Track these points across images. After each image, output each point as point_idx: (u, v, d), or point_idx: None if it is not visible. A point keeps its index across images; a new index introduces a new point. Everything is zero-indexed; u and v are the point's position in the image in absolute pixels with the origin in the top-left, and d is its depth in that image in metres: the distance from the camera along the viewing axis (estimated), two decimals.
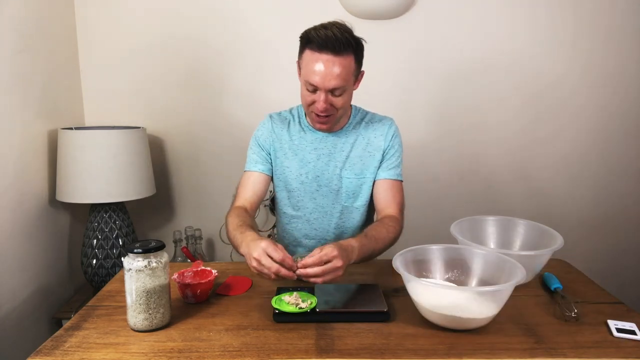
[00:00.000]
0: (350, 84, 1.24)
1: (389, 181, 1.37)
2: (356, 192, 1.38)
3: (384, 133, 1.38)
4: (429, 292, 0.97)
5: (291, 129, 1.40)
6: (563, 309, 1.04)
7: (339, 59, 1.18)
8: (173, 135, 2.05)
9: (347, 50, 1.19)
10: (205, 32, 1.97)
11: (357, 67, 1.25)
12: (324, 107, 1.22)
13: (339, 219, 1.41)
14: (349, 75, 1.21)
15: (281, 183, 1.41)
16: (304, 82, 1.25)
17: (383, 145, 1.37)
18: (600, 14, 1.95)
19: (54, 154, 1.75)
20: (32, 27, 1.66)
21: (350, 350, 0.89)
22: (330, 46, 1.16)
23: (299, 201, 1.40)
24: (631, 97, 2.03)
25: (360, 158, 1.37)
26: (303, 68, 1.24)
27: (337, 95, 1.23)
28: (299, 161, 1.37)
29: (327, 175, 1.37)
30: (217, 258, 2.18)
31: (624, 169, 2.09)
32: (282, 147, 1.39)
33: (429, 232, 1.96)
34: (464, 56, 1.99)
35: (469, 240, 1.16)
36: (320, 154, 1.37)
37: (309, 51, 1.21)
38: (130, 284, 0.95)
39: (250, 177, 1.39)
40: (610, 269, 2.14)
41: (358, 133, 1.38)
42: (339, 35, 1.17)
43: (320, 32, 1.18)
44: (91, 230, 1.75)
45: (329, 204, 1.39)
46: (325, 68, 1.18)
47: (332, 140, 1.37)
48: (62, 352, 0.89)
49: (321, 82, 1.19)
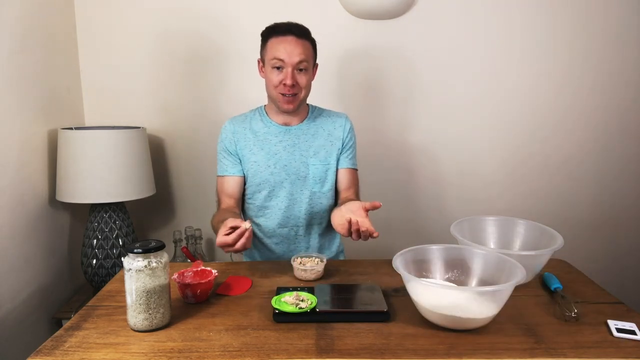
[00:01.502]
0: (310, 66, 1.40)
1: (349, 170, 1.53)
2: (322, 177, 1.48)
3: (342, 125, 1.52)
4: (429, 292, 0.97)
5: (254, 126, 1.50)
6: (563, 309, 1.04)
7: (301, 41, 1.36)
8: (173, 135, 2.05)
9: (307, 38, 1.39)
10: (205, 32, 1.97)
11: (314, 56, 1.43)
12: (292, 82, 1.35)
13: (308, 204, 1.49)
14: (310, 57, 1.39)
15: (251, 178, 1.48)
16: (270, 62, 1.38)
17: (342, 136, 1.51)
18: (600, 14, 1.95)
19: (54, 154, 1.75)
20: (32, 27, 1.66)
21: (350, 350, 0.89)
22: (293, 30, 1.36)
23: (270, 192, 1.47)
24: (631, 97, 2.03)
25: (324, 147, 1.49)
26: (268, 52, 1.39)
27: (301, 70, 1.37)
28: (265, 154, 1.46)
29: (295, 164, 1.46)
30: (217, 258, 2.18)
31: (624, 169, 2.09)
32: (247, 145, 1.48)
33: (429, 232, 1.97)
34: (464, 56, 1.99)
35: (469, 240, 1.16)
36: (286, 145, 1.47)
37: (274, 37, 1.37)
38: (130, 284, 0.95)
39: (225, 182, 1.49)
40: (610, 269, 2.14)
41: (318, 125, 1.51)
42: (299, 25, 1.39)
43: (282, 23, 1.39)
44: (91, 230, 1.75)
45: (298, 191, 1.48)
46: (290, 45, 1.35)
47: (295, 132, 1.48)
48: (62, 352, 0.89)
49: (288, 56, 1.34)
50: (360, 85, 2.00)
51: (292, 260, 1.24)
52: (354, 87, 2.00)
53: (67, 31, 1.90)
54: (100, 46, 1.96)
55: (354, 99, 2.02)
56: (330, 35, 1.89)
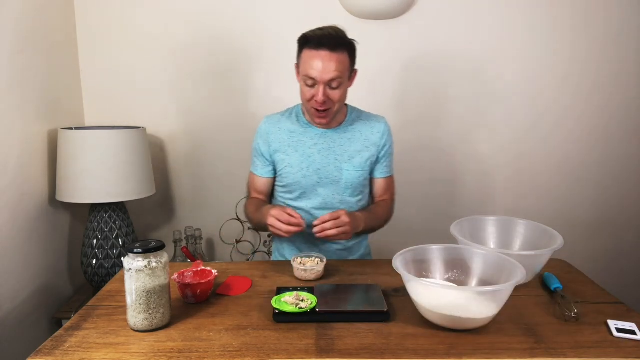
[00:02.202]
0: (345, 79, 1.34)
1: (387, 178, 1.52)
2: (355, 183, 1.45)
3: (380, 130, 1.48)
4: (429, 292, 0.97)
5: (290, 126, 1.47)
6: (563, 309, 1.04)
7: (335, 55, 1.29)
8: (173, 135, 2.05)
9: (342, 48, 1.31)
10: (203, 33, 1.96)
11: (351, 65, 1.35)
12: (323, 99, 1.31)
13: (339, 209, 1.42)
14: (344, 70, 1.32)
15: (284, 178, 1.46)
16: (302, 79, 1.34)
17: (379, 142, 1.47)
18: (600, 14, 1.95)
19: (54, 154, 1.75)
20: (32, 27, 1.66)
21: (350, 350, 0.89)
22: (326, 43, 1.28)
23: (301, 194, 1.45)
24: (631, 97, 2.03)
25: (359, 152, 1.45)
26: (302, 66, 1.34)
27: (334, 88, 1.32)
28: (299, 156, 1.43)
29: (328, 168, 1.43)
30: (217, 258, 2.18)
31: (624, 169, 2.09)
32: (282, 146, 1.45)
33: (429, 232, 1.97)
34: (464, 56, 1.99)
35: (469, 240, 1.16)
36: (321, 148, 1.44)
37: (307, 50, 1.31)
38: (130, 284, 0.95)
39: (255, 179, 1.52)
40: (610, 269, 2.14)
41: (355, 129, 1.47)
42: (334, 34, 1.30)
43: (317, 33, 1.31)
44: (91, 230, 1.75)
45: (330, 195, 1.45)
46: (323, 62, 1.28)
47: (331, 135, 1.45)
48: (62, 352, 0.89)
49: (319, 75, 1.29)
50: (360, 85, 2.00)
51: (292, 260, 1.24)
52: (353, 87, 1.99)
53: (67, 31, 1.90)
54: (100, 46, 1.96)
55: (353, 99, 2.02)
56: None
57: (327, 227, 1.23)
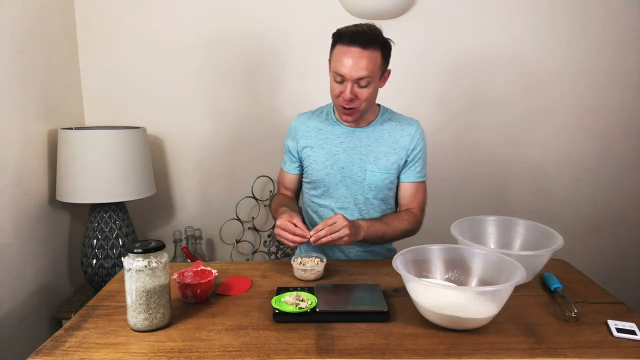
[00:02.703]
0: (375, 78, 1.31)
1: (414, 184, 1.46)
2: (379, 185, 1.42)
3: (411, 134, 1.43)
4: (429, 292, 0.97)
5: (319, 124, 1.48)
6: (563, 309, 1.04)
7: (366, 52, 1.26)
8: (173, 135, 2.05)
9: (374, 45, 1.27)
10: (203, 33, 1.96)
11: (383, 64, 1.32)
12: (350, 96, 1.29)
13: (360, 210, 1.45)
14: (375, 69, 1.29)
15: (308, 175, 1.48)
16: (332, 75, 1.32)
17: (409, 146, 1.42)
18: (600, 12, 1.95)
19: (54, 154, 1.75)
20: (32, 27, 1.66)
21: (350, 350, 0.89)
22: (358, 40, 1.26)
23: (324, 191, 1.46)
24: (632, 96, 2.03)
25: (386, 154, 1.42)
26: (333, 61, 1.32)
27: (362, 87, 1.29)
28: (324, 153, 1.43)
29: (352, 168, 1.42)
30: (217, 258, 2.18)
31: (624, 168, 2.09)
32: (309, 142, 1.46)
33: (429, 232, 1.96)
34: (464, 56, 1.99)
35: (469, 240, 1.16)
36: (347, 147, 1.43)
37: (340, 45, 1.29)
38: (130, 284, 0.95)
39: (283, 174, 1.57)
40: (610, 269, 2.14)
41: (384, 130, 1.43)
42: (367, 31, 1.28)
43: (350, 29, 1.29)
44: (91, 230, 1.75)
45: (353, 195, 1.44)
46: (353, 59, 1.26)
47: (359, 134, 1.43)
48: (62, 352, 0.89)
49: (348, 72, 1.26)
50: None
51: (292, 260, 1.24)
52: None
53: (67, 31, 1.90)
54: (100, 46, 1.96)
55: None
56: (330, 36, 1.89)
57: (321, 235, 1.21)
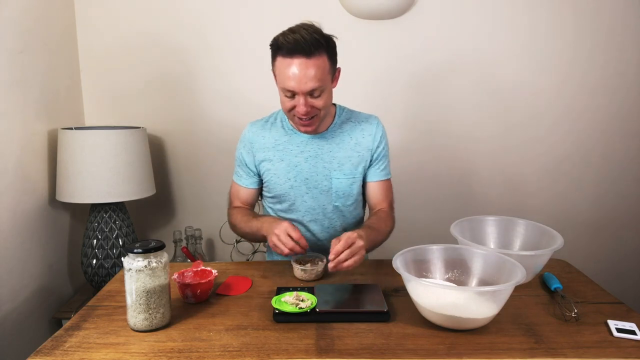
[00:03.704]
0: (327, 84, 1.23)
1: (381, 182, 1.41)
2: (346, 191, 1.37)
3: (372, 133, 1.37)
4: (429, 292, 0.97)
5: (275, 134, 1.38)
6: (563, 309, 1.04)
7: (312, 61, 1.16)
8: (173, 135, 2.05)
9: (319, 51, 1.17)
10: (203, 33, 1.97)
11: (331, 66, 1.23)
12: (305, 110, 1.21)
13: (330, 219, 1.41)
14: (325, 75, 1.20)
15: (271, 189, 1.39)
16: (281, 89, 1.23)
17: (371, 146, 1.37)
18: (601, 15, 1.95)
19: (54, 154, 1.75)
20: (32, 27, 1.66)
21: (350, 350, 0.89)
22: (300, 49, 1.15)
23: (290, 205, 1.39)
24: (632, 98, 2.03)
25: (349, 158, 1.36)
26: (278, 75, 1.22)
27: (316, 97, 1.21)
28: (285, 165, 1.36)
29: (317, 177, 1.36)
30: (217, 258, 2.18)
31: (625, 169, 2.09)
32: (267, 155, 1.37)
33: (429, 232, 1.97)
34: (464, 56, 1.99)
35: (469, 240, 1.16)
36: (308, 156, 1.35)
37: (281, 58, 1.19)
38: (130, 284, 0.95)
39: (239, 190, 1.45)
40: (611, 269, 2.14)
41: (344, 133, 1.37)
42: (307, 37, 1.15)
43: (288, 37, 1.16)
44: (91, 230, 1.75)
45: (320, 205, 1.38)
46: (299, 72, 1.16)
47: (318, 141, 1.36)
48: (62, 352, 0.89)
49: (297, 86, 1.18)
50: (359, 85, 2.00)
51: (292, 261, 1.24)
52: (352, 87, 2.00)
53: (67, 31, 1.90)
54: (100, 46, 1.96)
55: (353, 99, 2.02)
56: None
57: (342, 258, 1.11)
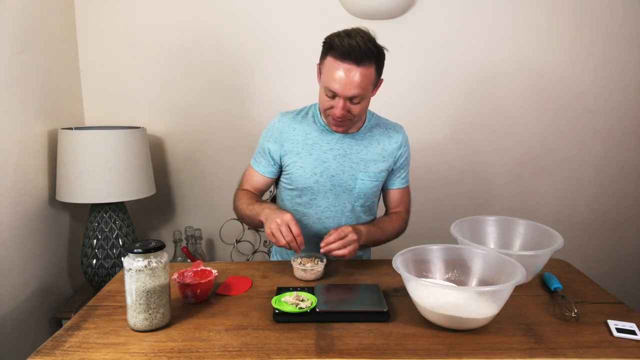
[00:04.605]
0: (368, 93, 1.25)
1: (400, 189, 1.48)
2: (368, 193, 1.40)
3: (398, 141, 1.42)
4: (429, 292, 0.97)
5: (306, 128, 1.39)
6: (563, 309, 1.04)
7: (361, 69, 1.18)
8: (173, 135, 2.05)
9: (369, 60, 1.19)
10: (204, 33, 1.97)
11: (377, 76, 1.26)
12: (342, 113, 1.23)
13: (349, 218, 1.42)
14: (369, 85, 1.22)
15: (294, 181, 1.39)
16: (323, 88, 1.25)
17: (396, 153, 1.41)
18: (602, 15, 1.95)
19: (54, 154, 1.75)
20: (32, 27, 1.66)
21: (350, 350, 0.89)
22: (352, 56, 1.17)
23: (311, 199, 1.40)
24: (632, 98, 2.03)
25: (375, 162, 1.39)
26: (324, 74, 1.24)
27: (355, 103, 1.24)
28: (313, 160, 1.37)
29: (343, 176, 1.37)
30: (217, 258, 2.18)
31: (625, 169, 2.09)
32: (295, 147, 1.38)
33: (429, 232, 1.97)
34: (464, 57, 1.99)
35: (469, 240, 1.16)
36: (337, 154, 1.37)
37: (331, 58, 1.21)
38: (130, 284, 0.95)
39: (254, 175, 1.45)
40: (611, 269, 2.14)
41: (373, 137, 1.40)
42: (362, 45, 1.17)
43: (344, 41, 1.17)
44: (91, 230, 1.75)
45: (341, 203, 1.40)
46: (346, 77, 1.18)
47: (349, 141, 1.38)
48: (62, 352, 0.89)
49: (341, 90, 1.20)
50: None
51: (292, 260, 1.24)
52: None
53: (67, 31, 1.90)
54: (100, 46, 1.96)
55: None
56: None
57: (334, 247, 1.19)
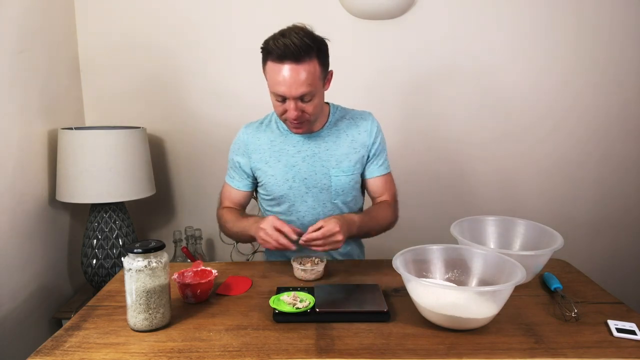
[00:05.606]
0: (318, 88, 1.23)
1: (381, 177, 1.42)
2: (346, 188, 1.38)
3: (367, 129, 1.38)
4: (429, 292, 0.97)
5: (270, 135, 1.38)
6: (563, 309, 1.04)
7: (303, 66, 1.16)
8: (173, 135, 2.05)
9: (309, 56, 1.17)
10: (204, 32, 1.97)
11: (322, 70, 1.23)
12: (296, 115, 1.22)
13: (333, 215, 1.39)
14: (315, 80, 1.20)
15: (269, 191, 1.39)
16: (272, 94, 1.24)
17: (368, 142, 1.38)
18: (602, 15, 1.95)
19: (54, 154, 1.75)
20: (32, 27, 1.66)
21: (350, 350, 0.89)
22: (290, 55, 1.15)
23: (290, 206, 1.39)
24: (632, 98, 2.03)
25: (346, 155, 1.36)
26: (268, 80, 1.23)
27: (306, 101, 1.22)
28: (283, 166, 1.36)
29: (315, 176, 1.36)
30: (217, 258, 2.18)
31: (625, 169, 2.09)
32: (263, 157, 1.37)
33: (429, 232, 1.97)
34: (464, 56, 1.99)
35: (469, 240, 1.16)
36: (305, 155, 1.36)
37: (271, 62, 1.20)
38: (130, 284, 0.95)
39: (231, 191, 1.45)
40: (611, 269, 2.14)
41: (340, 130, 1.38)
42: (297, 42, 1.15)
43: (278, 42, 1.16)
44: (91, 230, 1.75)
45: (321, 204, 1.38)
46: (290, 77, 1.16)
47: (315, 140, 1.36)
48: (62, 352, 0.89)
49: (288, 91, 1.18)
50: (359, 85, 2.00)
51: (292, 261, 1.24)
52: (352, 87, 2.00)
53: (67, 31, 1.90)
54: (100, 46, 1.97)
55: (353, 99, 2.02)
56: (330, 36, 1.89)
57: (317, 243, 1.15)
